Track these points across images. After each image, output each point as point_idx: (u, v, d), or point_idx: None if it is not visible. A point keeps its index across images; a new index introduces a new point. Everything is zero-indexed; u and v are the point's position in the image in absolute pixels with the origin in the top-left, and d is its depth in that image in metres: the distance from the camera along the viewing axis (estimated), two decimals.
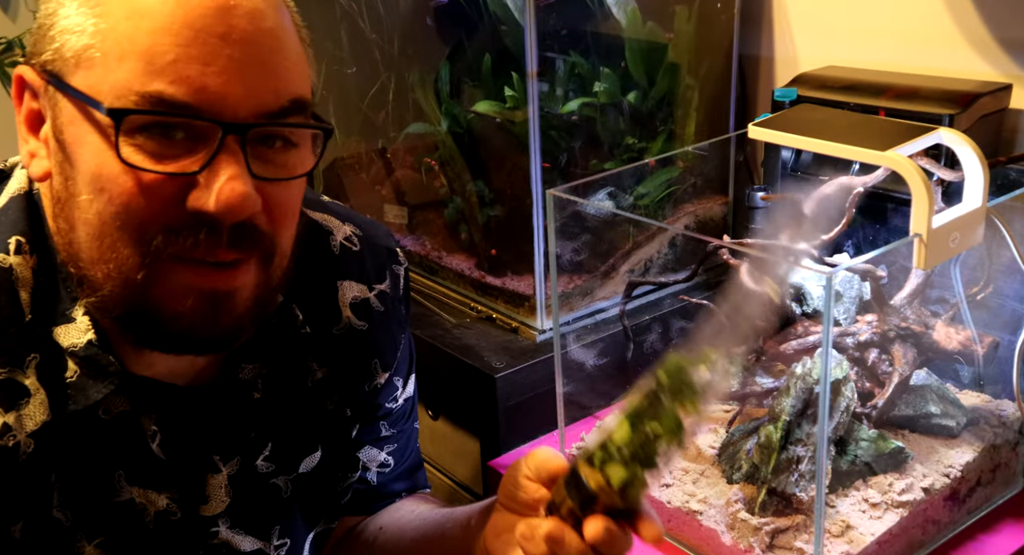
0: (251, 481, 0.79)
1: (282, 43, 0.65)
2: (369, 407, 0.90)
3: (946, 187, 1.01)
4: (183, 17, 0.60)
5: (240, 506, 0.79)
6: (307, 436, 0.83)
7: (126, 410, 0.72)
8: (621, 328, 1.30)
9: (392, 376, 0.91)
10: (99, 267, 0.64)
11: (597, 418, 1.25)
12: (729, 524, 0.98)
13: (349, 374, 0.86)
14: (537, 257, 1.33)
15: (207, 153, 0.62)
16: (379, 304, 0.87)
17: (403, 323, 0.91)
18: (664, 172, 1.42)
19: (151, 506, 0.74)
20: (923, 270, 1.00)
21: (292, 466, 0.82)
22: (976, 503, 1.05)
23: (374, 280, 0.87)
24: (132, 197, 0.62)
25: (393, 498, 0.98)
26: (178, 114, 0.61)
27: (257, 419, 0.79)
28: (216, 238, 0.63)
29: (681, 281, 1.20)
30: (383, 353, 0.88)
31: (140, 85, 0.60)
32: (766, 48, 1.51)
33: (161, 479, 0.74)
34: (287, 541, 0.84)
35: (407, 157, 1.61)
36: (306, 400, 0.82)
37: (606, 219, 1.37)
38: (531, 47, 1.24)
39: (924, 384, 1.08)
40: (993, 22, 1.25)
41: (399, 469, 0.97)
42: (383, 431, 0.94)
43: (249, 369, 0.77)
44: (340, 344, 0.84)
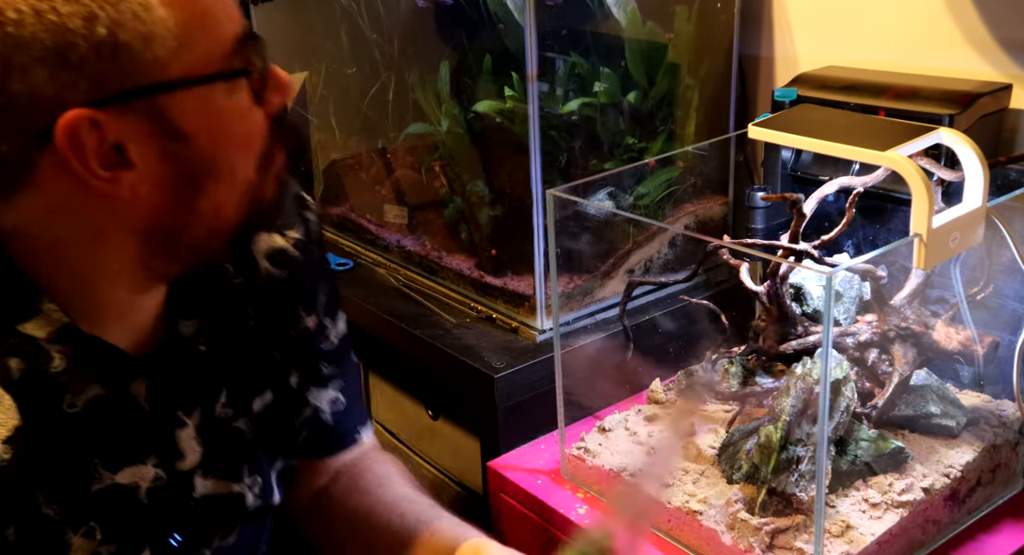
0: (216, 428, 0.82)
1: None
2: (305, 352, 0.92)
3: (946, 187, 1.01)
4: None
5: (211, 454, 0.81)
6: (255, 379, 0.86)
7: (99, 395, 0.73)
8: (621, 328, 1.30)
9: (321, 319, 0.93)
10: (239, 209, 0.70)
11: (597, 418, 1.25)
12: (729, 524, 0.98)
13: (274, 322, 0.88)
14: (537, 257, 1.33)
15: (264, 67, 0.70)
16: (294, 251, 0.89)
17: (321, 267, 0.94)
18: (664, 172, 1.42)
19: (142, 482, 0.76)
20: (923, 270, 1.00)
21: (247, 407, 0.85)
22: (976, 503, 1.05)
23: (287, 227, 0.90)
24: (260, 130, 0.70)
25: (350, 435, 1.01)
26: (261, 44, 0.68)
27: (207, 370, 0.81)
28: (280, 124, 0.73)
29: (681, 281, 1.20)
30: (304, 299, 0.91)
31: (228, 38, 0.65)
32: (766, 48, 1.51)
33: (142, 449, 0.76)
34: (258, 478, 0.87)
35: (407, 157, 1.61)
36: (246, 346, 0.85)
37: (606, 219, 1.37)
38: (531, 48, 1.24)
39: (924, 384, 1.08)
40: (993, 22, 1.25)
41: (349, 404, 1.00)
42: (325, 370, 0.96)
43: (189, 325, 0.80)
44: (261, 293, 0.86)
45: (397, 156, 1.64)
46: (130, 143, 0.63)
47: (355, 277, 1.61)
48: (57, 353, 0.70)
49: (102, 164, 0.63)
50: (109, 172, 0.64)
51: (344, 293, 1.53)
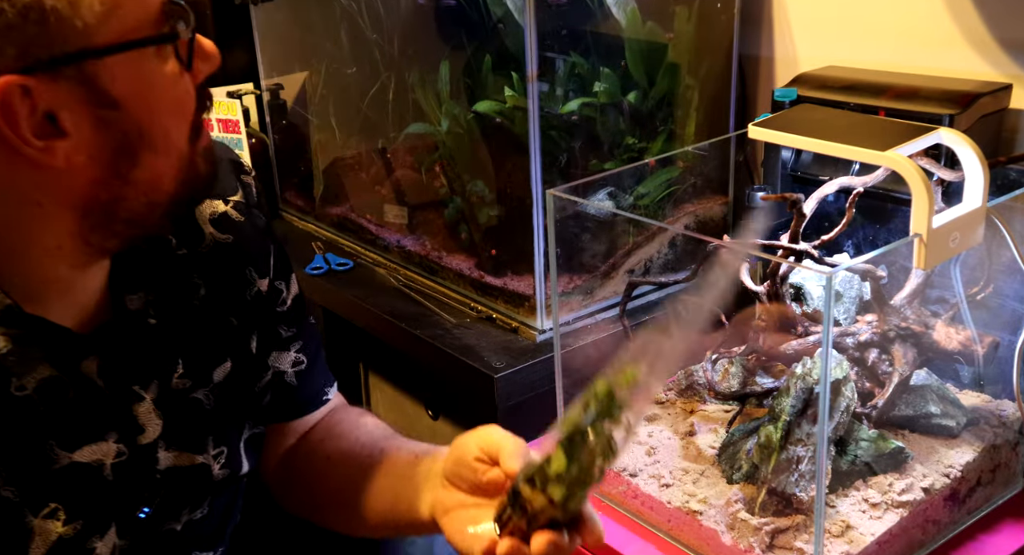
0: (174, 400, 0.82)
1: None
2: (262, 315, 0.92)
3: (946, 187, 1.01)
4: None
5: (172, 426, 0.81)
6: (212, 349, 0.86)
7: (50, 376, 0.72)
8: (621, 328, 1.30)
9: (273, 281, 0.93)
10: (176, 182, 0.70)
11: None
12: (729, 524, 0.98)
13: (227, 286, 0.88)
14: (537, 257, 1.33)
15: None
16: (237, 215, 0.89)
17: (267, 230, 0.94)
18: (664, 172, 1.42)
19: (106, 458, 0.76)
20: (923, 270, 1.00)
21: (206, 378, 0.85)
22: (976, 503, 1.05)
23: (227, 193, 0.90)
24: (191, 97, 0.70)
25: (318, 396, 1.01)
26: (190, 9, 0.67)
27: (159, 343, 0.81)
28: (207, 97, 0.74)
29: (681, 281, 1.20)
30: (254, 260, 0.91)
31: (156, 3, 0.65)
32: (766, 48, 1.51)
33: (101, 426, 0.76)
34: (223, 449, 0.86)
35: (407, 157, 1.61)
36: (199, 316, 0.85)
37: (606, 219, 1.37)
38: (531, 49, 1.24)
39: (924, 384, 1.08)
40: (993, 22, 1.25)
41: (312, 364, 1.00)
42: (284, 333, 0.96)
43: (135, 299, 0.80)
44: (210, 260, 0.86)
45: (397, 156, 1.64)
46: (63, 111, 0.63)
47: (355, 277, 1.61)
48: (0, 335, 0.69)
49: (35, 133, 0.63)
50: (43, 141, 0.63)
51: (344, 293, 1.54)
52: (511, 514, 0.72)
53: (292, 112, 1.91)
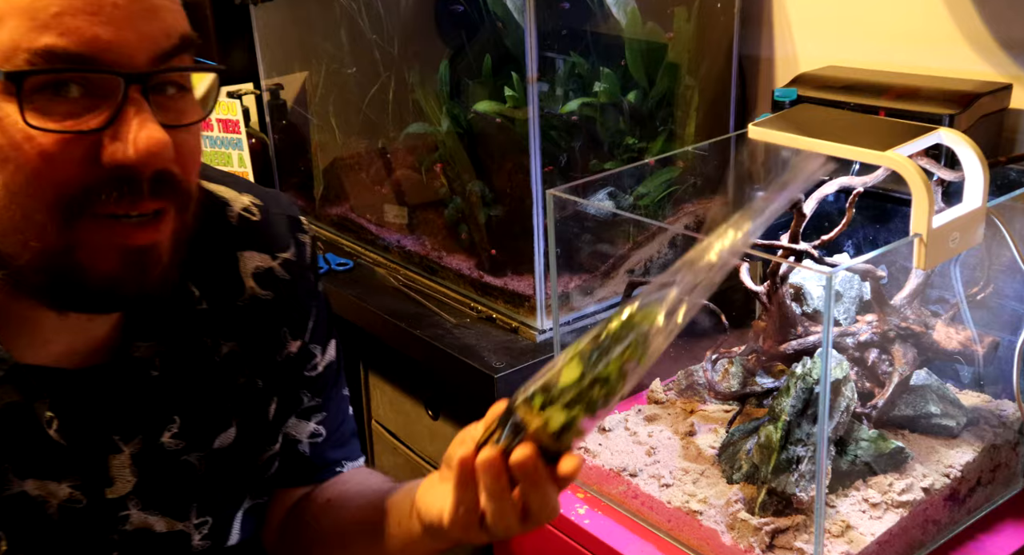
0: (158, 459, 0.78)
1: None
2: (287, 378, 0.88)
3: (946, 187, 1.01)
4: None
5: (149, 486, 0.77)
6: (218, 412, 0.82)
7: (14, 401, 0.70)
8: None
9: (307, 344, 0.89)
10: (12, 239, 0.62)
11: None
12: (729, 524, 0.98)
13: (259, 345, 0.84)
14: (537, 257, 1.33)
15: (110, 106, 0.61)
16: (284, 273, 0.86)
17: (313, 291, 0.90)
18: (664, 172, 1.42)
19: (52, 498, 0.73)
20: (923, 270, 1.00)
21: (204, 443, 0.81)
22: (976, 503, 1.05)
23: (277, 249, 0.86)
24: (43, 161, 0.60)
25: (331, 467, 0.96)
26: (78, 68, 0.59)
27: (158, 396, 0.77)
28: (137, 191, 0.62)
29: None
30: (292, 321, 0.87)
31: (28, 42, 0.58)
32: (766, 48, 1.51)
33: (60, 467, 0.73)
34: (208, 519, 0.82)
35: (407, 157, 1.61)
36: (213, 376, 0.81)
37: (606, 219, 1.37)
38: (531, 49, 1.24)
39: (924, 384, 1.08)
40: (993, 22, 1.25)
41: (332, 438, 0.95)
42: (307, 401, 0.92)
43: (144, 347, 0.76)
44: (246, 315, 0.83)
45: (397, 156, 1.64)
46: None
47: (355, 277, 1.61)
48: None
49: None
50: None
51: (344, 293, 1.54)
52: (498, 436, 0.68)
53: (292, 112, 1.91)
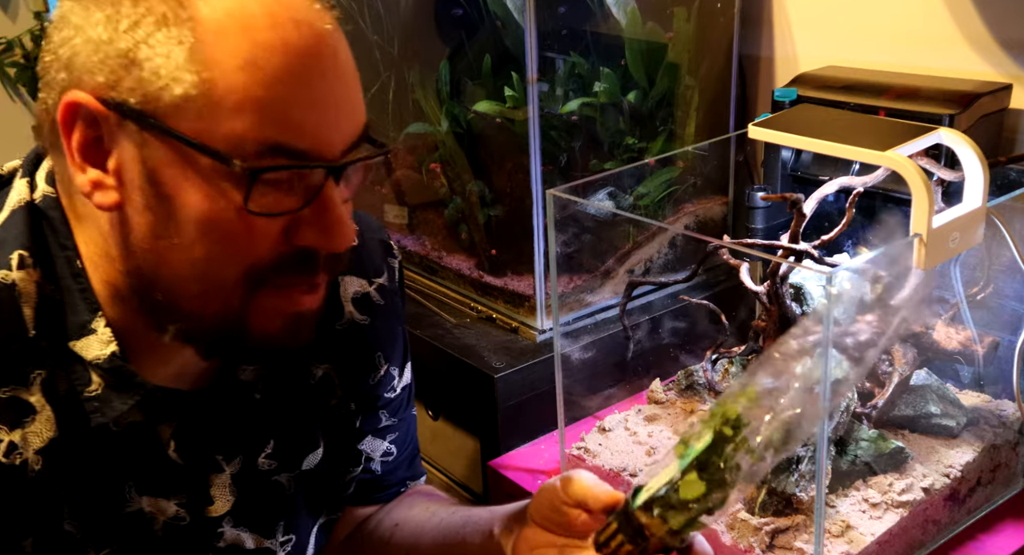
0: (254, 479, 0.80)
1: (356, 72, 0.68)
2: (370, 399, 0.91)
3: (946, 187, 1.01)
4: (294, 68, 0.61)
5: (244, 505, 0.80)
6: (309, 433, 0.84)
7: (137, 420, 0.72)
8: (621, 328, 1.30)
9: (389, 367, 0.92)
10: (199, 299, 0.66)
11: (597, 418, 1.25)
12: (729, 524, 0.98)
13: (354, 369, 0.87)
14: (537, 257, 1.33)
15: (308, 189, 0.64)
16: (379, 297, 0.88)
17: (400, 315, 0.93)
18: (664, 172, 1.42)
19: (160, 515, 0.75)
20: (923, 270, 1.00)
21: (294, 463, 0.83)
22: (976, 503, 1.05)
23: (373, 274, 0.89)
24: (248, 240, 0.64)
25: (397, 487, 0.99)
26: (298, 165, 0.63)
27: (257, 419, 0.80)
28: (314, 266, 0.67)
29: (681, 281, 1.20)
30: (385, 346, 0.90)
31: (259, 135, 0.61)
32: (766, 48, 1.51)
33: (171, 485, 0.76)
34: (292, 537, 0.85)
35: (407, 157, 1.61)
36: (308, 398, 0.83)
37: (606, 219, 1.37)
38: (531, 50, 1.24)
39: (924, 384, 1.08)
40: (993, 22, 1.25)
41: (401, 457, 0.98)
42: (384, 420, 0.95)
43: (249, 371, 0.79)
44: (343, 339, 0.86)
45: (397, 156, 1.64)
46: (113, 153, 0.64)
47: None
48: (98, 376, 0.69)
49: (81, 152, 0.64)
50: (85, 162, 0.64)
51: None
52: (622, 540, 0.70)
53: None
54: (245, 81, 0.60)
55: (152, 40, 0.61)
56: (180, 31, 0.60)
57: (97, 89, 0.62)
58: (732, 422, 0.66)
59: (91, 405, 0.69)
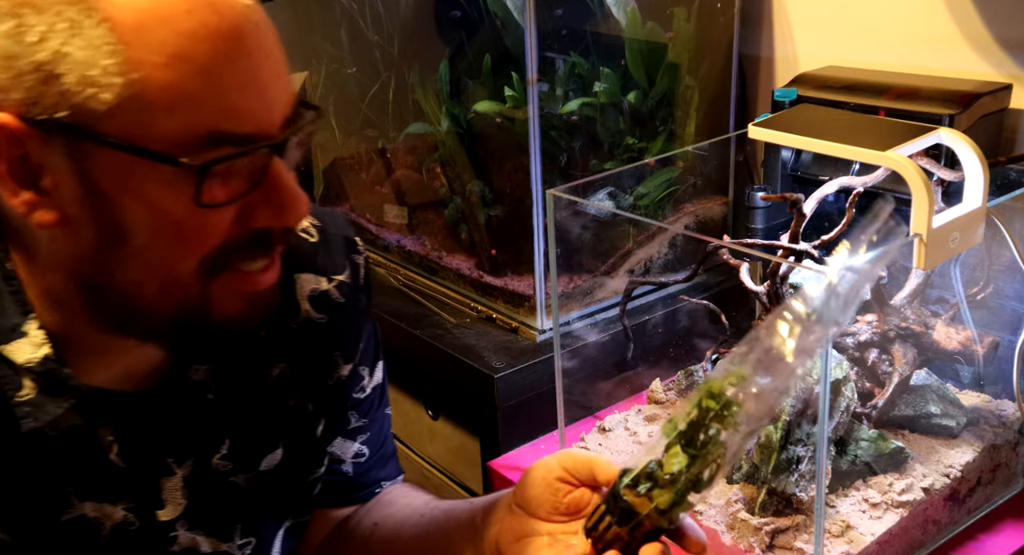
0: (208, 481, 0.79)
1: (279, 43, 0.65)
2: (335, 400, 0.89)
3: (946, 187, 1.01)
4: (220, 52, 0.60)
5: (198, 507, 0.78)
6: (267, 433, 0.82)
7: (77, 424, 0.70)
8: (621, 328, 1.30)
9: (357, 366, 0.90)
10: (158, 297, 0.65)
11: (597, 418, 1.25)
12: (729, 524, 0.98)
13: (310, 368, 0.85)
14: (537, 257, 1.33)
15: (255, 170, 0.63)
16: (339, 295, 0.86)
17: (365, 313, 0.90)
18: (664, 172, 1.42)
19: (107, 520, 0.73)
20: (923, 270, 1.00)
21: (251, 465, 0.82)
22: (976, 503, 1.05)
23: (333, 271, 0.86)
24: (202, 232, 0.63)
25: (372, 487, 0.97)
26: (245, 149, 0.61)
27: (211, 419, 0.78)
28: (270, 243, 0.66)
29: (681, 281, 1.20)
30: (344, 345, 0.88)
31: (200, 127, 0.60)
32: (766, 48, 1.51)
33: (117, 490, 0.74)
34: (251, 540, 0.83)
35: (407, 157, 1.61)
36: (264, 398, 0.82)
37: (606, 219, 1.37)
38: (531, 48, 1.24)
39: (924, 384, 1.08)
40: (993, 22, 1.25)
41: (375, 457, 0.97)
42: (354, 422, 0.93)
43: (201, 370, 0.77)
44: (299, 338, 0.83)
45: (397, 156, 1.64)
46: (47, 172, 0.61)
47: None
48: (30, 381, 0.67)
49: (13, 175, 0.61)
50: (19, 187, 0.61)
51: None
52: (610, 522, 0.69)
53: None
54: (175, 76, 0.58)
55: (68, 49, 0.58)
56: (96, 35, 0.58)
57: (15, 107, 0.59)
58: (715, 397, 0.66)
59: (22, 410, 0.67)
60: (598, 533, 0.70)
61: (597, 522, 0.70)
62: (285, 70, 0.65)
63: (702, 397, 0.66)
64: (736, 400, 0.65)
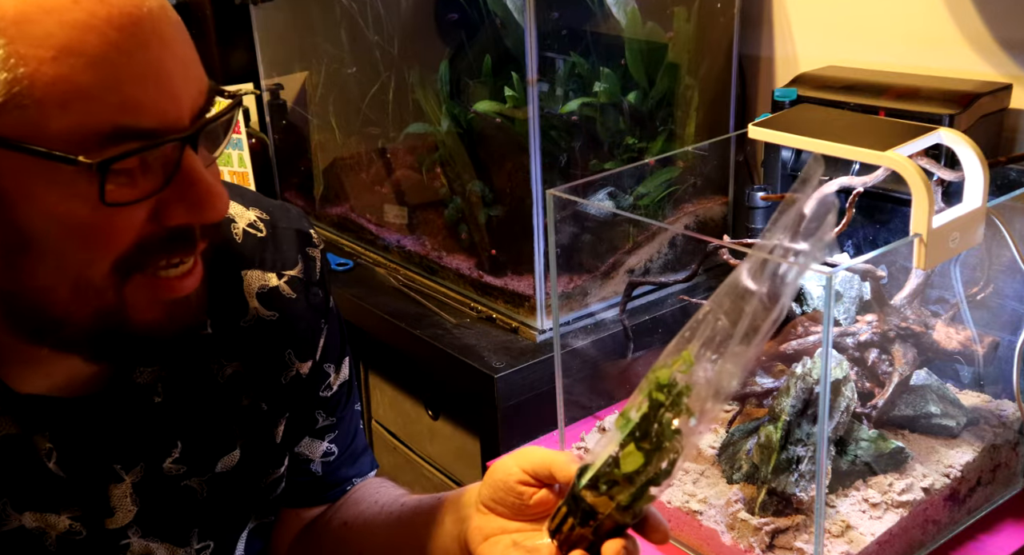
0: (159, 486, 0.76)
1: (185, 33, 0.62)
2: (296, 398, 0.86)
3: (946, 187, 1.01)
4: (113, 43, 0.56)
5: (150, 513, 0.76)
6: (221, 435, 0.80)
7: (12, 433, 0.68)
8: (621, 328, 1.30)
9: (320, 364, 0.88)
10: (71, 304, 0.62)
11: (597, 418, 1.25)
12: (729, 524, 0.98)
13: (262, 367, 0.82)
14: (537, 257, 1.33)
15: (166, 167, 0.60)
16: (290, 291, 0.83)
17: (322, 308, 0.87)
18: (664, 172, 1.42)
19: (51, 530, 0.71)
20: (923, 270, 1.00)
21: (206, 467, 0.79)
22: (976, 503, 1.05)
23: (283, 266, 0.83)
24: (112, 233, 0.60)
25: (343, 485, 0.95)
26: (149, 145, 0.58)
27: (160, 423, 0.76)
28: (191, 241, 0.63)
29: (681, 281, 1.20)
30: (297, 342, 0.84)
31: (97, 123, 0.56)
32: (766, 48, 1.51)
33: (59, 499, 0.72)
34: (210, 543, 0.81)
35: (407, 157, 1.61)
36: (216, 398, 0.79)
37: (606, 219, 1.37)
38: (531, 48, 1.24)
39: (924, 384, 1.08)
40: (993, 22, 1.25)
41: (344, 456, 0.94)
42: (321, 421, 0.91)
43: (147, 373, 0.75)
44: (249, 336, 0.81)
45: (397, 156, 1.64)
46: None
47: (355, 277, 1.61)
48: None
49: None
50: None
51: (344, 293, 1.54)
52: (573, 523, 0.67)
53: (292, 112, 1.91)
54: (64, 69, 0.55)
55: None
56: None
57: None
58: (666, 387, 0.64)
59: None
60: (563, 535, 0.68)
61: (560, 523, 0.69)
62: (192, 59, 0.61)
63: (651, 389, 0.65)
64: (686, 386, 0.63)
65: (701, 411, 0.63)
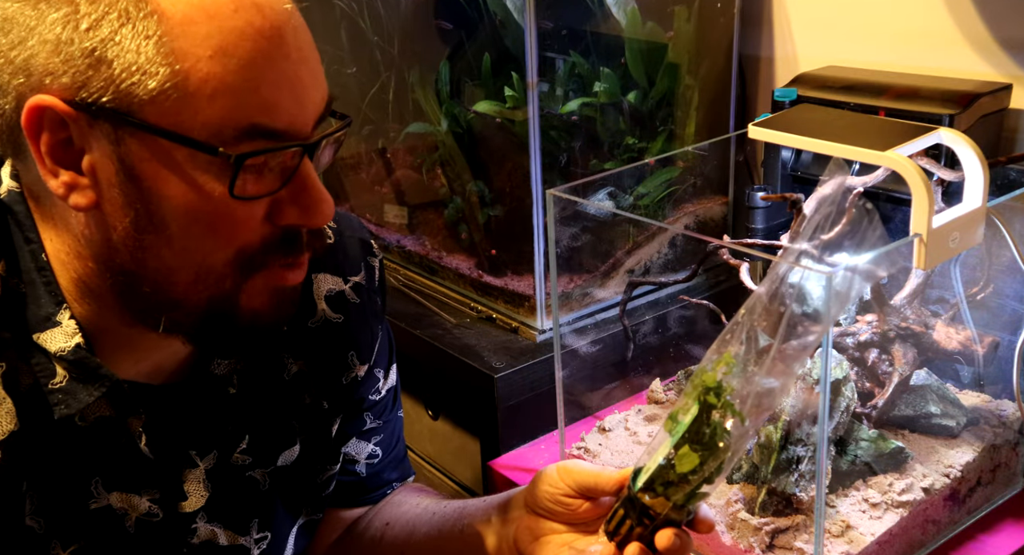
0: (228, 474, 0.80)
1: (316, 49, 0.68)
2: (351, 400, 0.91)
3: (946, 187, 1.01)
4: (261, 50, 0.62)
5: (218, 500, 0.80)
6: (284, 429, 0.84)
7: (106, 415, 0.72)
8: (621, 328, 1.30)
9: (372, 368, 0.92)
10: (192, 286, 0.66)
11: (597, 418, 1.25)
12: (729, 524, 0.98)
13: (325, 367, 0.87)
14: (537, 257, 1.33)
15: (286, 169, 0.65)
16: (355, 296, 0.88)
17: (379, 314, 0.93)
18: (664, 172, 1.42)
19: (132, 511, 0.75)
20: (923, 270, 1.00)
21: (270, 459, 0.83)
22: (976, 503, 1.05)
23: (349, 272, 0.88)
24: (234, 224, 0.65)
25: (384, 488, 0.99)
26: (279, 145, 0.64)
27: (232, 413, 0.80)
28: (299, 244, 0.69)
29: (681, 281, 1.20)
30: (359, 345, 0.90)
31: (237, 121, 0.62)
32: (766, 48, 1.51)
33: (143, 480, 0.75)
34: (267, 534, 0.84)
35: (407, 157, 1.61)
36: (282, 394, 0.84)
37: (606, 219, 1.37)
38: (531, 48, 1.24)
39: (924, 384, 1.08)
40: (993, 22, 1.25)
41: (387, 459, 0.98)
42: (368, 423, 0.95)
43: (224, 365, 0.79)
44: (315, 337, 0.86)
45: (397, 156, 1.64)
46: (87, 154, 0.63)
47: None
48: (62, 369, 0.69)
49: (53, 156, 0.63)
50: (58, 167, 0.64)
51: None
52: (631, 524, 0.72)
53: None
54: (217, 69, 0.61)
55: (118, 37, 0.60)
56: (146, 25, 0.60)
57: (63, 91, 0.61)
58: (714, 389, 0.68)
59: (55, 397, 0.69)
60: (621, 536, 0.72)
61: (618, 525, 0.73)
62: (320, 74, 0.67)
63: (699, 393, 0.68)
64: (730, 385, 0.67)
65: (749, 410, 0.67)
